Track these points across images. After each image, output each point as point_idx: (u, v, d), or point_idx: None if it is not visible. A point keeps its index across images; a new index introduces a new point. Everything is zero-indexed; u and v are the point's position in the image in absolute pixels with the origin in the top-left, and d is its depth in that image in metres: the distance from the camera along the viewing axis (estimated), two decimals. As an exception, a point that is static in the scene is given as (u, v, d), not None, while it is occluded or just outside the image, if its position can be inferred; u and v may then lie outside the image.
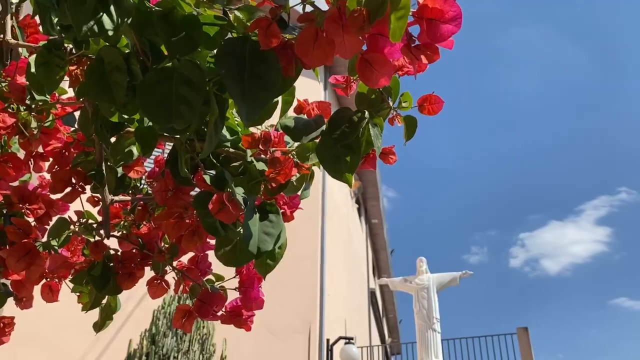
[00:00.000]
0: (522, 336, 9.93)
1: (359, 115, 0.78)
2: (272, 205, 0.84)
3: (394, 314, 20.64)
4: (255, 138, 0.81)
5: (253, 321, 1.08)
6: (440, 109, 0.84)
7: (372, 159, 0.89)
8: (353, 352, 8.70)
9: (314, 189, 9.56)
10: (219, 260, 0.87)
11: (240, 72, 0.71)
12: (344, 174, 0.79)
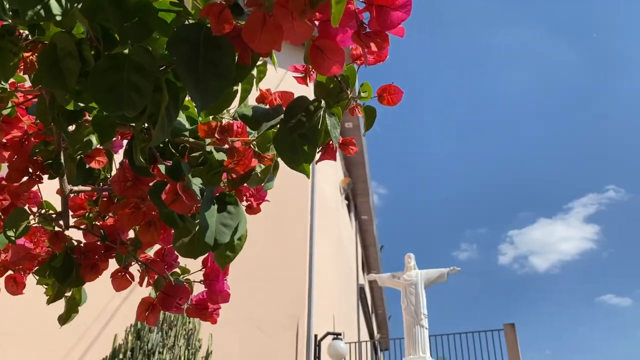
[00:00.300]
0: (508, 332, 9.99)
1: (315, 105, 0.76)
2: (231, 197, 0.83)
3: (383, 310, 20.72)
4: (212, 127, 0.80)
5: (219, 314, 1.07)
6: (400, 99, 0.83)
7: (332, 150, 0.88)
8: (341, 347, 8.71)
9: (303, 185, 9.55)
10: (177, 252, 0.86)
11: (194, 59, 0.70)
12: (301, 164, 0.78)
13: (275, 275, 8.50)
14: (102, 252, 1.05)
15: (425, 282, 10.00)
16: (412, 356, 9.34)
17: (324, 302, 9.94)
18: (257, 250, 8.52)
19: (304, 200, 9.44)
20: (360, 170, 14.51)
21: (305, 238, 9.10)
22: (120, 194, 0.87)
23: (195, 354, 5.29)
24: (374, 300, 19.82)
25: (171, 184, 0.75)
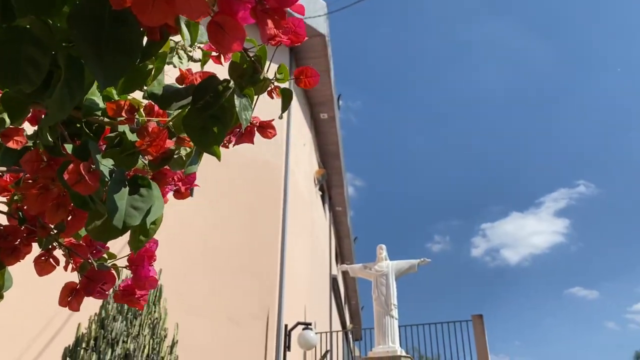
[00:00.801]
0: (476, 323, 10.16)
1: (225, 85, 0.74)
2: (144, 179, 0.80)
3: (356, 301, 20.86)
4: (120, 105, 0.77)
5: (146, 300, 1.05)
6: (316, 82, 0.81)
7: (250, 133, 0.86)
8: (311, 337, 8.75)
9: (276, 176, 9.52)
10: (89, 235, 0.83)
11: (96, 34, 0.67)
12: (211, 146, 0.76)
13: (247, 265, 8.47)
14: (24, 235, 1.02)
15: (396, 272, 10.08)
16: (382, 346, 9.43)
17: (296, 292, 9.95)
18: (228, 240, 8.49)
19: (277, 190, 9.41)
20: (335, 162, 14.53)
21: (278, 228, 9.08)
22: (32, 174, 0.84)
23: (161, 343, 5.24)
24: (347, 290, 19.94)
25: (75, 164, 0.72)
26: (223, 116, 0.74)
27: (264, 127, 0.90)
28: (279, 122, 5.21)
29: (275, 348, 8.21)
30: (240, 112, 0.75)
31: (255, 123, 0.87)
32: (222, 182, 8.90)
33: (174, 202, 5.95)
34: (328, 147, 13.99)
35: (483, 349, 9.91)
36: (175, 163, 0.86)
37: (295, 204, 10.20)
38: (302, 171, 11.47)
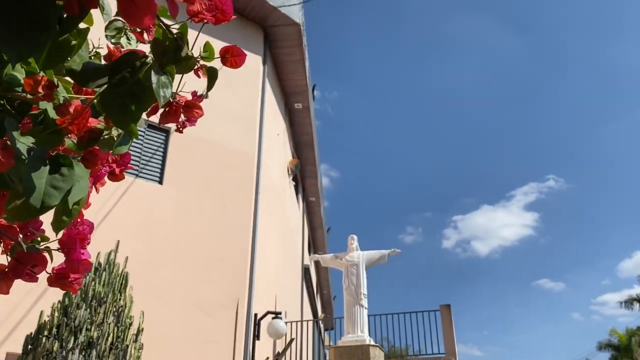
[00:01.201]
0: (444, 313, 10.32)
1: (142, 61, 0.72)
2: (65, 158, 0.78)
3: (329, 290, 20.98)
4: (37, 81, 0.74)
5: (80, 284, 1.03)
6: (243, 61, 0.80)
7: (175, 112, 0.84)
8: (280, 326, 8.77)
9: (248, 164, 9.46)
10: (8, 215, 0.81)
11: (8, 8, 0.65)
12: (128, 124, 0.74)
13: (217, 254, 8.43)
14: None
15: (366, 263, 10.15)
16: (351, 335, 9.50)
17: (266, 281, 9.95)
18: (198, 228, 8.42)
19: (249, 179, 9.36)
20: (309, 152, 14.52)
21: (249, 217, 9.05)
22: (-49, 152, 0.81)
23: (125, 331, 5.18)
24: (320, 280, 20.03)
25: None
26: (140, 93, 0.72)
27: (190, 107, 0.89)
28: (252, 111, 5.32)
29: (244, 337, 8.20)
30: (157, 90, 0.73)
31: (181, 102, 0.85)
32: (192, 170, 8.81)
33: (143, 190, 5.99)
34: (302, 138, 13.97)
35: (450, 338, 10.08)
36: (104, 143, 0.84)
37: (267, 194, 10.17)
38: (276, 161, 11.43)
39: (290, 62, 11.56)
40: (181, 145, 8.87)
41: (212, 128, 9.35)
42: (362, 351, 9.15)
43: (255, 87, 10.27)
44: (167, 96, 0.74)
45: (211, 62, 0.80)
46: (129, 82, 0.70)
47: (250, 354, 8.13)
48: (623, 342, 35.64)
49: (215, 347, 7.79)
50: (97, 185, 0.97)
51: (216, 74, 0.80)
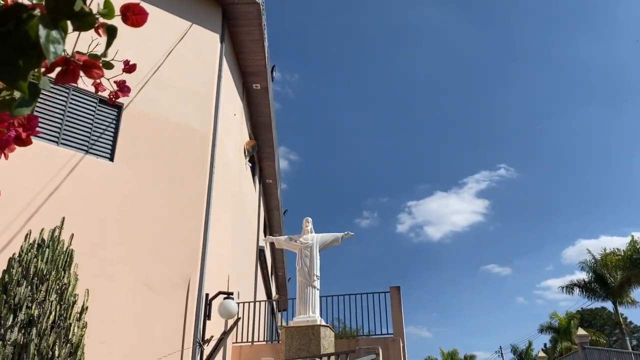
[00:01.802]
0: (394, 294, 10.56)
1: (29, 13, 0.70)
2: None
3: (284, 272, 21.09)
4: None
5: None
6: (145, 20, 0.79)
7: (73, 72, 0.82)
8: (231, 306, 8.77)
9: (203, 142, 9.33)
10: None
11: None
12: (16, 80, 0.72)
13: (168, 232, 8.32)
14: None
15: (320, 245, 10.25)
16: (302, 315, 9.61)
17: (219, 261, 9.91)
18: (149, 205, 8.29)
19: (204, 158, 9.25)
20: (267, 134, 14.44)
21: (203, 197, 8.96)
22: None
23: (69, 309, 5.08)
24: (275, 262, 20.10)
25: None
26: (29, 48, 0.70)
27: (88, 67, 0.86)
28: (209, 90, 5.27)
29: (194, 317, 8.17)
30: (46, 45, 0.70)
31: (79, 61, 0.83)
32: (144, 146, 8.64)
33: (93, 166, 5.86)
34: (260, 119, 13.87)
35: (399, 319, 10.32)
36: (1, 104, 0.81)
37: (222, 174, 10.09)
38: (232, 141, 11.33)
39: (249, 41, 11.41)
40: (134, 121, 8.68)
41: (166, 105, 9.17)
42: (313, 331, 9.28)
43: (212, 65, 10.11)
44: (57, 52, 0.71)
45: (112, 20, 0.78)
46: (14, 34, 0.68)
47: (200, 334, 8.11)
48: (563, 325, 37.35)
49: (164, 327, 7.74)
50: (5, 151, 0.95)
51: (115, 33, 0.79)
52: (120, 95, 1.38)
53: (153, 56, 9.30)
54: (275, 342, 12.80)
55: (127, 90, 1.33)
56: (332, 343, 9.58)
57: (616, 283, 31.21)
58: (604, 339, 37.25)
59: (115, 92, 1.36)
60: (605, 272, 31.77)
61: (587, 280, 33.21)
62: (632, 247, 31.28)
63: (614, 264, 31.31)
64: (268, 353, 10.71)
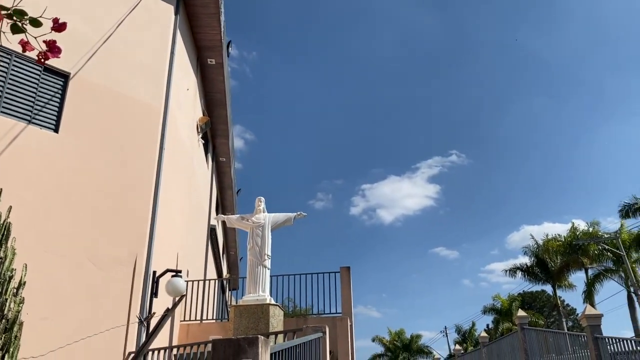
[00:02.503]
0: (344, 274, 10.69)
1: None
2: None
3: (235, 251, 21.00)
4: None
5: None
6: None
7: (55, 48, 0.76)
8: (179, 284, 8.65)
9: (154, 117, 9.08)
10: None
11: None
12: None
13: (115, 207, 8.11)
14: None
15: (272, 224, 10.23)
16: (252, 295, 9.61)
17: (168, 239, 9.75)
18: (95, 179, 8.04)
19: (154, 133, 9.02)
20: (221, 111, 14.20)
21: (152, 172, 8.75)
22: None
23: (5, 284, 4.88)
24: (227, 241, 19.97)
25: None
26: None
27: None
28: (161, 62, 5.13)
29: (141, 295, 8.04)
30: None
31: None
32: (91, 118, 8.35)
33: (37, 137, 5.65)
34: (214, 95, 13.61)
35: (348, 299, 10.48)
36: None
37: (173, 149, 9.87)
38: (184, 117, 11.08)
39: (204, 15, 11.13)
40: (81, 92, 8.35)
41: (116, 77, 8.86)
42: (262, 310, 9.29)
43: (165, 37, 9.81)
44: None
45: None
46: None
47: (146, 311, 7.99)
48: (505, 306, 38.95)
49: (110, 304, 7.58)
50: None
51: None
52: (50, 56, 1.31)
53: (103, 25, 8.94)
54: (224, 320, 12.75)
55: (58, 50, 1.27)
56: (281, 322, 9.64)
57: (556, 267, 32.71)
58: (543, 320, 39.09)
59: (44, 53, 1.29)
60: (547, 257, 33.23)
61: (529, 265, 34.66)
62: (572, 233, 32.78)
63: (555, 250, 32.76)
64: (217, 331, 10.68)
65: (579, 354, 11.18)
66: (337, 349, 9.73)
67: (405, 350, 49.58)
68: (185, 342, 9.53)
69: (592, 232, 31.44)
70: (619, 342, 9.49)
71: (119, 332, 7.43)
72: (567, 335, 12.14)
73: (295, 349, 4.06)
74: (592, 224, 32.77)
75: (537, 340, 13.60)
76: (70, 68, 8.24)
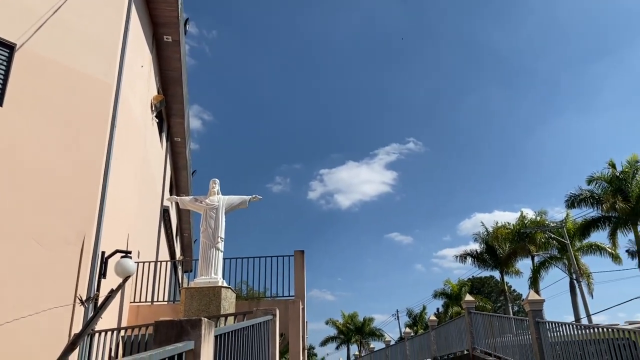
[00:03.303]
0: (298, 258, 10.74)
1: None
2: None
3: (189, 233, 20.74)
4: None
5: None
6: None
7: None
8: (129, 265, 8.46)
9: (105, 93, 8.81)
10: None
11: None
12: None
13: (62, 186, 7.85)
14: None
15: (226, 207, 10.14)
16: (204, 277, 9.54)
17: (119, 219, 9.53)
18: (42, 155, 7.76)
19: (105, 110, 8.74)
20: (176, 89, 13.89)
21: (102, 150, 8.50)
22: None
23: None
24: (181, 223, 19.69)
25: None
26: None
27: None
28: (114, 37, 4.97)
29: (89, 275, 7.85)
30: None
31: None
32: (39, 92, 8.03)
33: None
34: (170, 73, 13.30)
35: (301, 282, 10.55)
36: None
37: (125, 127, 9.61)
38: (138, 94, 10.79)
39: (161, -10, 10.81)
40: (28, 64, 8.00)
41: (66, 50, 8.52)
42: (214, 292, 9.25)
43: (119, 11, 9.48)
44: None
45: None
46: None
47: (94, 292, 7.82)
48: (455, 291, 40.13)
49: (55, 284, 7.37)
50: None
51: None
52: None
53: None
54: (177, 302, 12.62)
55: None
56: (233, 304, 9.62)
57: (504, 254, 33.85)
58: (490, 305, 40.51)
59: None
60: (496, 244, 34.32)
61: (479, 251, 35.73)
62: (521, 222, 33.96)
63: (504, 237, 33.88)
64: (167, 313, 10.56)
65: (521, 337, 11.65)
66: (288, 331, 9.80)
67: (357, 333, 50.48)
68: (135, 324, 9.38)
69: (539, 221, 32.66)
70: (559, 327, 9.93)
71: (64, 312, 7.25)
72: (511, 320, 12.62)
73: (242, 332, 4.06)
74: (540, 213, 34.07)
75: (483, 324, 14.07)
76: (16, 39, 7.88)
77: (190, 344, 2.58)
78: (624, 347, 8.10)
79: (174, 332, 2.63)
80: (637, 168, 27.59)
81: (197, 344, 2.64)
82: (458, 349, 15.66)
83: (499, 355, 12.86)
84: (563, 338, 9.68)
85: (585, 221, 29.40)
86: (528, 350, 10.91)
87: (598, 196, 27.94)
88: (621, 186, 27.19)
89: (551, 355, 9.97)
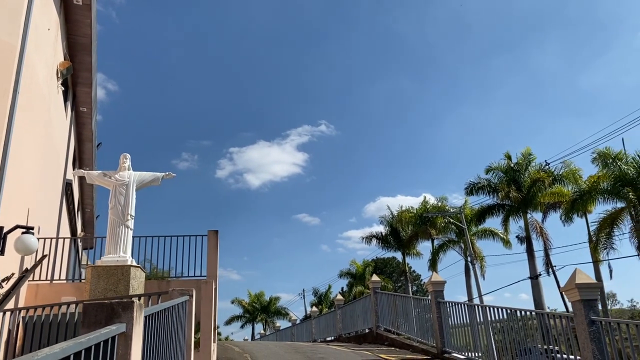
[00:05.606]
0: (211, 238, 10.64)
1: None
2: None
3: (92, 209, 19.73)
4: None
5: None
6: None
7: None
8: (31, 242, 7.98)
9: (7, 55, 8.13)
10: None
11: None
12: None
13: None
14: None
15: (137, 183, 9.79)
16: (112, 255, 9.20)
17: (18, 192, 8.88)
18: None
19: (7, 74, 8.05)
20: (85, 57, 13.05)
21: (3, 117, 7.85)
22: None
23: None
24: (83, 198, 18.66)
25: None
26: None
27: None
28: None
29: (-16, 251, 7.29)
30: None
31: None
32: None
33: None
34: (79, 39, 12.45)
35: (214, 262, 10.47)
36: None
37: (28, 94, 8.92)
38: (43, 59, 10.02)
39: (72, -52, 10.05)
40: None
41: (-39, 5, 7.71)
42: (123, 272, 8.95)
43: (24, -33, 8.70)
44: None
45: None
46: None
47: (-10, 270, 7.28)
48: (359, 271, 41.62)
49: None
50: None
51: None
52: None
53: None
54: (78, 281, 12.01)
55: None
56: (143, 284, 9.35)
57: (407, 237, 35.51)
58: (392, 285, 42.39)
59: None
60: (400, 226, 35.88)
61: (384, 233, 37.18)
62: (423, 206, 35.72)
63: (407, 220, 35.48)
64: (70, 292, 10.06)
65: (422, 316, 12.38)
66: (200, 311, 9.71)
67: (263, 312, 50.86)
68: (34, 303, 8.85)
69: (440, 207, 34.56)
70: (454, 306, 10.68)
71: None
72: (414, 299, 13.34)
73: (165, 313, 4.00)
74: (441, 199, 36.03)
75: (387, 303, 14.77)
76: None
77: (122, 327, 2.53)
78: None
79: (104, 315, 2.56)
80: (530, 160, 29.97)
81: (129, 326, 2.59)
82: (363, 326, 16.34)
83: (400, 333, 13.61)
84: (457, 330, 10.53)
85: (481, 208, 31.53)
86: (428, 327, 11.64)
87: (495, 185, 30.04)
88: (515, 177, 29.42)
89: (449, 332, 10.72)
